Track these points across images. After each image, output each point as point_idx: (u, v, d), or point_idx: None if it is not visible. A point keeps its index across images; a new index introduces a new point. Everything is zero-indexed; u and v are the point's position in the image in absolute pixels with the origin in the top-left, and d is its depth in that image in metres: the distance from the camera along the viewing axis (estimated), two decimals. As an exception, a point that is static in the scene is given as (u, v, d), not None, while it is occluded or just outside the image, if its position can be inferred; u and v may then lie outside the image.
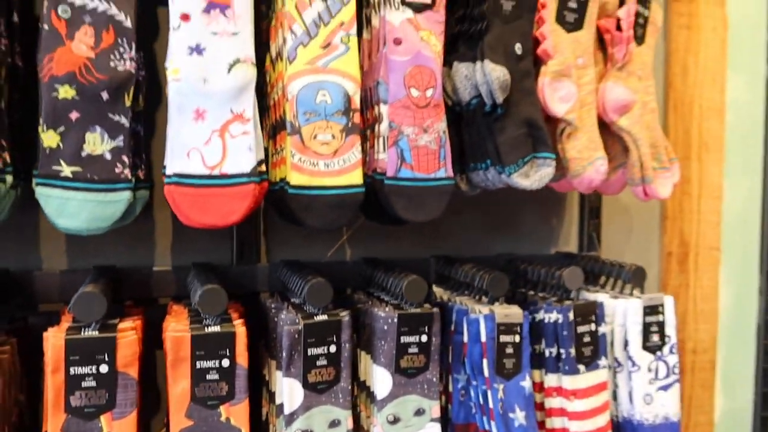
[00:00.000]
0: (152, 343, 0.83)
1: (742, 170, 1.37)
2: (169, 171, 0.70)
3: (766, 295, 1.40)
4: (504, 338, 0.86)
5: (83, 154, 0.68)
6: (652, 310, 0.97)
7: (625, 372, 0.97)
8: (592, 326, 0.92)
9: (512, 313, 0.86)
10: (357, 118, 0.78)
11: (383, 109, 0.82)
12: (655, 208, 1.31)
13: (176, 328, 0.73)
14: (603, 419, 0.93)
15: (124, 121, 0.70)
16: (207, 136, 0.71)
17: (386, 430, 0.82)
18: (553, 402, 0.92)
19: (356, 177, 0.78)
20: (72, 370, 0.68)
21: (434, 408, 0.84)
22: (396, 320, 0.81)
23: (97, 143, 0.69)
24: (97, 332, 0.69)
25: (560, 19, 0.91)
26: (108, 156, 0.69)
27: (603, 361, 0.94)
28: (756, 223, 1.39)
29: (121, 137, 0.70)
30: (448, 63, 0.88)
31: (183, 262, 0.96)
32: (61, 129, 0.67)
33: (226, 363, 0.72)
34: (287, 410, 0.77)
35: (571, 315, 0.90)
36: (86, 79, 0.68)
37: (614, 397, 0.99)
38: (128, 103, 0.70)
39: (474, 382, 0.88)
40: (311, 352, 0.77)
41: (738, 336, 1.39)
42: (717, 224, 1.36)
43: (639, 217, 1.28)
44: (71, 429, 0.68)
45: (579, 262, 1.06)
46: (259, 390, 0.88)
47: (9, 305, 0.84)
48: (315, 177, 0.76)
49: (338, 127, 0.77)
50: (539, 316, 0.92)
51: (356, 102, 0.78)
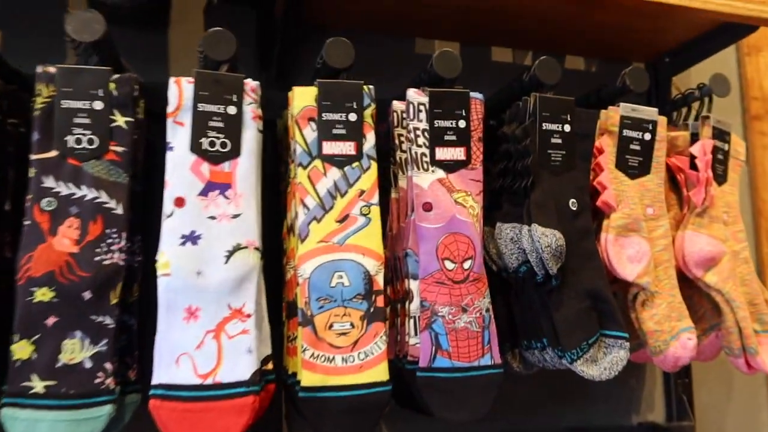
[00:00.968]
0: None
1: None
2: (155, 381, 0.60)
3: None
4: None
5: (58, 365, 0.59)
6: None
7: None
8: None
9: None
10: (380, 301, 0.66)
11: (413, 285, 0.70)
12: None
13: None
14: None
15: (109, 321, 0.61)
16: (199, 339, 0.60)
17: None
18: None
19: (380, 373, 0.64)
20: None
21: None
22: None
23: (75, 350, 0.60)
24: None
25: (621, 164, 0.78)
26: (88, 364, 0.60)
27: None
28: None
29: (105, 341, 0.60)
30: (490, 221, 0.76)
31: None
32: (36, 337, 0.59)
33: None
34: None
35: None
36: (67, 278, 0.60)
37: None
38: (114, 300, 0.61)
39: None
40: None
41: None
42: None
43: (742, 375, 1.07)
44: None
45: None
46: None
47: None
48: (331, 376, 0.63)
49: (358, 314, 0.65)
50: None
51: (379, 282, 0.67)
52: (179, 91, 0.64)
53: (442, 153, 0.71)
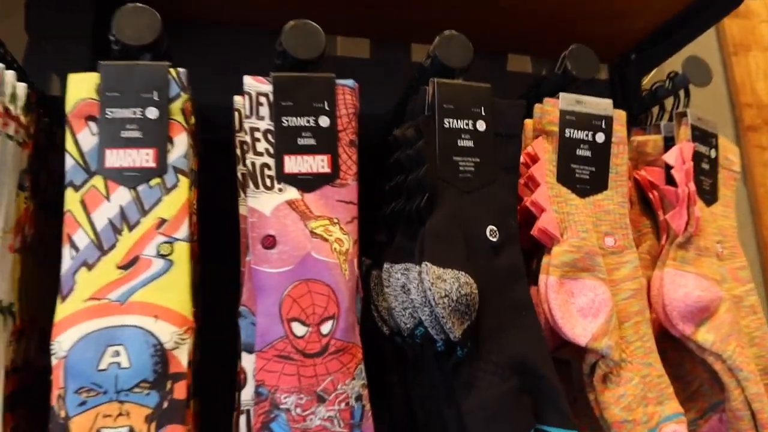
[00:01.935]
0: None
1: None
2: None
3: None
4: None
5: None
6: None
7: None
8: None
9: None
10: (181, 390, 0.42)
11: (246, 362, 0.46)
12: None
13: None
14: None
15: None
16: None
17: None
18: None
19: None
20: None
21: None
22: None
23: None
24: None
25: (566, 176, 0.56)
26: None
27: None
28: None
29: None
30: (379, 261, 0.53)
31: None
32: None
33: None
34: None
35: None
36: None
37: None
38: None
39: None
40: None
41: None
42: None
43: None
44: None
45: None
46: None
47: None
48: None
49: (141, 413, 0.41)
50: None
51: (181, 361, 0.43)
52: None
53: (295, 163, 0.49)
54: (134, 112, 0.46)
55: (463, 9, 0.71)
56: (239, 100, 0.51)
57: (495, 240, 0.50)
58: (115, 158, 0.46)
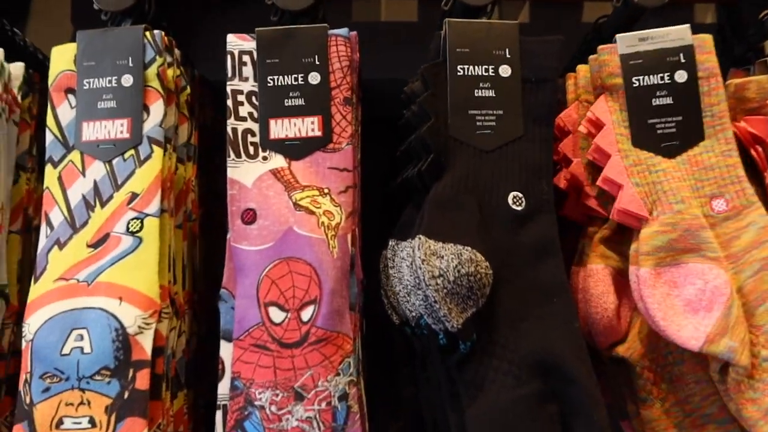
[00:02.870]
0: None
1: None
2: None
3: None
4: None
5: None
6: None
7: None
8: None
9: None
10: (143, 380, 0.38)
11: (224, 352, 0.41)
12: None
13: None
14: None
15: None
16: None
17: None
18: None
19: None
20: None
21: None
22: None
23: None
24: None
25: (645, 136, 0.44)
26: None
27: None
28: None
29: None
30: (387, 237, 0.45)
31: None
32: None
33: None
34: None
35: None
36: None
37: None
38: None
39: None
40: None
41: None
42: None
43: None
44: None
45: None
46: None
47: None
48: None
49: (101, 402, 0.38)
50: None
51: (144, 347, 0.39)
52: None
53: (281, 128, 0.43)
54: (110, 81, 0.43)
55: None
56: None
57: (520, 208, 0.41)
58: (92, 131, 0.43)
